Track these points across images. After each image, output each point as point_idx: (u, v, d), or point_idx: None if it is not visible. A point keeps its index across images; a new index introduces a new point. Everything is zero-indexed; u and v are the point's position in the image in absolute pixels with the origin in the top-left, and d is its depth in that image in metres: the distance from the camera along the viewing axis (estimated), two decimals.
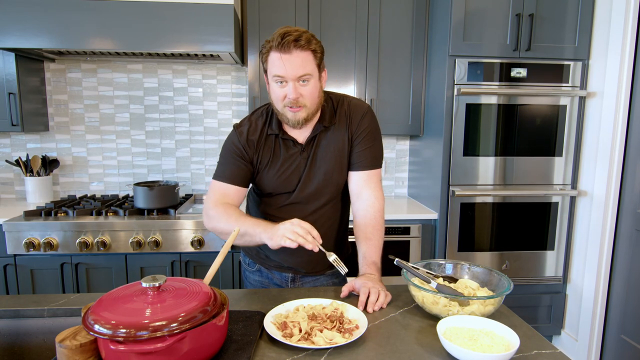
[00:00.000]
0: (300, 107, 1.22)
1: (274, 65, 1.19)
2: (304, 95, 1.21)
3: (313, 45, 1.20)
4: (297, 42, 1.16)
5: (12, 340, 1.16)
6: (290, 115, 1.23)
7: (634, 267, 2.24)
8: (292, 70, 1.17)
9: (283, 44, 1.15)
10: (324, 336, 0.96)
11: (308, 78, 1.21)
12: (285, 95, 1.21)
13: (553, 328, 2.62)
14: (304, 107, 1.23)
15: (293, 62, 1.17)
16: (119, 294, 0.86)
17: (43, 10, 2.11)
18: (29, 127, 2.49)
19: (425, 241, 2.47)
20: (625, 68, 2.21)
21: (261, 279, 1.49)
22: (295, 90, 1.20)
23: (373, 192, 1.36)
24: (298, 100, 1.21)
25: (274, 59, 1.18)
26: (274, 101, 1.25)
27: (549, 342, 1.01)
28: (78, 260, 2.21)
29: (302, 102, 1.22)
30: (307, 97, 1.22)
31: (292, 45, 1.16)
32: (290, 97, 1.20)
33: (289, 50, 1.16)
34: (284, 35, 1.16)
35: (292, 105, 1.21)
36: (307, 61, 1.19)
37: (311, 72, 1.20)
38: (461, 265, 1.26)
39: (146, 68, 2.75)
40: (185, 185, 2.85)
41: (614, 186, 2.30)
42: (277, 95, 1.22)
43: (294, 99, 1.20)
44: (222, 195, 1.31)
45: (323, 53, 1.25)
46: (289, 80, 1.19)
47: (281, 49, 1.16)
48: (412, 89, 2.60)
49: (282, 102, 1.22)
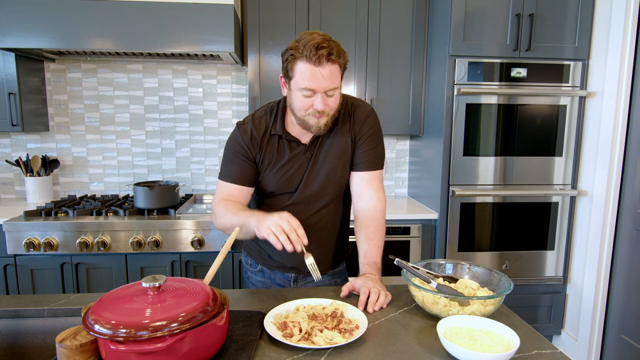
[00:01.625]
0: (324, 115, 1.23)
1: (304, 77, 1.17)
2: (329, 105, 1.22)
3: (342, 59, 1.19)
4: (330, 57, 1.15)
5: (13, 340, 1.16)
6: (313, 122, 1.23)
7: (634, 267, 2.24)
8: (323, 84, 1.17)
9: (318, 57, 1.14)
10: (324, 336, 0.96)
11: (335, 90, 1.21)
12: (311, 105, 1.21)
13: (553, 328, 2.62)
14: (327, 115, 1.24)
15: (324, 75, 1.16)
16: (119, 294, 0.86)
17: (43, 10, 2.11)
18: (29, 127, 2.49)
19: (426, 241, 2.47)
20: (625, 68, 2.21)
21: (263, 280, 1.49)
22: (323, 102, 1.20)
23: (375, 193, 1.36)
24: (324, 110, 1.21)
25: (304, 69, 1.16)
26: (297, 109, 1.24)
27: (549, 342, 1.01)
28: (78, 260, 2.21)
29: (327, 112, 1.23)
30: (331, 107, 1.23)
31: (325, 60, 1.15)
32: (319, 109, 1.20)
33: (322, 64, 1.15)
34: (318, 48, 1.13)
35: (318, 114, 1.22)
36: (336, 74, 1.19)
37: (338, 84, 1.22)
38: (461, 265, 1.26)
39: (146, 68, 2.75)
40: (186, 185, 2.85)
41: (614, 186, 2.30)
42: (302, 104, 1.22)
43: (321, 111, 1.21)
44: (227, 194, 1.34)
45: (347, 65, 1.25)
46: (318, 93, 1.19)
47: (315, 62, 1.14)
48: (412, 89, 2.60)
49: (306, 111, 1.22)
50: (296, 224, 1.13)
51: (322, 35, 1.17)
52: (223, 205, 1.30)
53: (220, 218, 1.30)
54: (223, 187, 1.34)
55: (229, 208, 1.28)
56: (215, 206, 1.32)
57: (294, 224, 1.12)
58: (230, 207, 1.29)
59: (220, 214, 1.30)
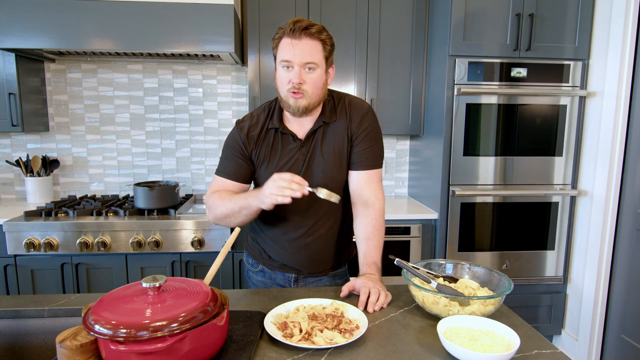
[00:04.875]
0: (302, 94, 1.24)
1: (282, 50, 1.22)
2: (307, 82, 1.23)
3: (323, 36, 1.23)
4: (308, 30, 1.20)
5: (13, 340, 1.16)
6: (291, 102, 1.25)
7: (634, 266, 2.24)
8: (300, 56, 1.20)
9: (294, 29, 1.19)
10: (324, 336, 0.96)
11: (314, 67, 1.23)
12: (289, 80, 1.23)
13: (553, 328, 2.62)
14: (306, 95, 1.24)
15: (301, 48, 1.20)
16: (119, 294, 0.86)
17: (43, 10, 2.11)
18: (29, 128, 2.49)
19: (426, 241, 2.47)
20: (625, 68, 2.21)
21: (264, 280, 1.49)
22: (299, 75, 1.22)
23: (374, 192, 1.36)
24: (301, 86, 1.22)
25: (284, 44, 1.22)
26: (279, 86, 1.27)
27: (550, 342, 1.01)
28: (78, 261, 2.21)
29: (304, 89, 1.23)
30: (310, 85, 1.24)
31: (302, 32, 1.20)
32: (294, 82, 1.22)
33: (299, 37, 1.20)
34: (296, 22, 1.20)
35: (295, 90, 1.23)
36: (315, 50, 1.22)
37: (318, 62, 1.23)
38: (461, 265, 1.26)
39: (146, 68, 2.75)
40: (186, 185, 2.85)
41: (614, 186, 2.30)
42: (282, 79, 1.25)
43: (297, 84, 1.22)
44: (221, 189, 1.35)
45: (333, 47, 1.27)
46: (294, 65, 1.22)
47: (292, 35, 1.20)
48: (412, 89, 2.60)
49: (286, 86, 1.24)
50: (289, 175, 1.15)
51: (309, 20, 1.23)
52: (217, 195, 1.32)
53: (215, 208, 1.31)
54: (218, 181, 1.36)
55: (223, 196, 1.30)
56: (209, 198, 1.34)
57: (286, 178, 1.14)
58: (224, 195, 1.30)
59: (215, 204, 1.30)
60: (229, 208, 1.27)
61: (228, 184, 1.35)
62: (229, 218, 1.29)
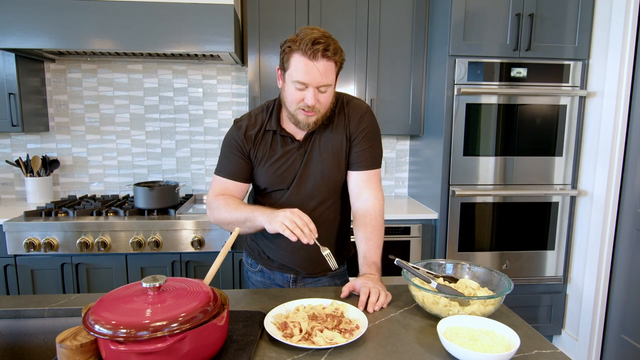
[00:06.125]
0: (314, 112, 1.23)
1: (298, 70, 1.18)
2: (321, 102, 1.22)
3: (338, 56, 1.20)
4: (326, 53, 1.16)
5: (13, 340, 1.16)
6: (301, 118, 1.24)
7: (634, 266, 2.24)
8: (316, 78, 1.18)
9: (314, 51, 1.15)
10: (324, 336, 0.96)
11: (327, 87, 1.22)
12: (302, 99, 1.21)
13: (553, 328, 2.62)
14: (317, 113, 1.24)
15: (319, 70, 1.17)
16: (119, 294, 0.86)
17: (43, 10, 2.11)
18: (29, 128, 2.49)
19: (426, 241, 2.47)
20: (625, 68, 2.21)
21: (263, 280, 1.49)
22: (314, 97, 1.20)
23: (373, 192, 1.36)
24: (315, 106, 1.22)
25: (299, 62, 1.17)
26: (288, 102, 1.25)
27: (550, 342, 1.01)
28: (78, 261, 2.21)
29: (317, 109, 1.23)
30: (322, 105, 1.24)
31: (320, 55, 1.16)
32: (309, 104, 1.20)
33: (317, 59, 1.16)
34: (315, 42, 1.14)
35: (307, 110, 1.22)
36: (330, 71, 1.20)
37: (332, 82, 1.22)
38: (461, 265, 1.26)
39: (146, 68, 2.75)
40: (186, 185, 2.85)
41: (614, 186, 2.30)
42: (293, 97, 1.22)
43: (311, 106, 1.21)
44: (223, 189, 1.35)
45: (343, 64, 1.25)
46: (310, 87, 1.19)
47: (310, 56, 1.15)
48: (412, 89, 2.60)
49: (297, 104, 1.22)
50: (307, 219, 1.17)
51: (321, 32, 1.18)
52: (222, 199, 1.31)
53: (219, 212, 1.31)
54: (218, 181, 1.36)
55: (229, 203, 1.30)
56: (212, 200, 1.33)
57: (305, 219, 1.16)
58: (230, 202, 1.30)
59: (219, 207, 1.30)
60: (233, 217, 1.27)
61: (228, 184, 1.35)
62: (230, 225, 1.29)
